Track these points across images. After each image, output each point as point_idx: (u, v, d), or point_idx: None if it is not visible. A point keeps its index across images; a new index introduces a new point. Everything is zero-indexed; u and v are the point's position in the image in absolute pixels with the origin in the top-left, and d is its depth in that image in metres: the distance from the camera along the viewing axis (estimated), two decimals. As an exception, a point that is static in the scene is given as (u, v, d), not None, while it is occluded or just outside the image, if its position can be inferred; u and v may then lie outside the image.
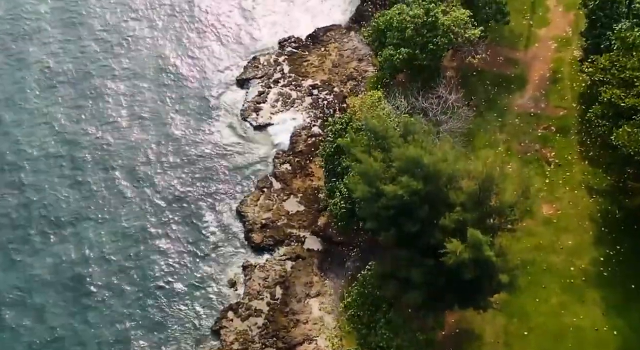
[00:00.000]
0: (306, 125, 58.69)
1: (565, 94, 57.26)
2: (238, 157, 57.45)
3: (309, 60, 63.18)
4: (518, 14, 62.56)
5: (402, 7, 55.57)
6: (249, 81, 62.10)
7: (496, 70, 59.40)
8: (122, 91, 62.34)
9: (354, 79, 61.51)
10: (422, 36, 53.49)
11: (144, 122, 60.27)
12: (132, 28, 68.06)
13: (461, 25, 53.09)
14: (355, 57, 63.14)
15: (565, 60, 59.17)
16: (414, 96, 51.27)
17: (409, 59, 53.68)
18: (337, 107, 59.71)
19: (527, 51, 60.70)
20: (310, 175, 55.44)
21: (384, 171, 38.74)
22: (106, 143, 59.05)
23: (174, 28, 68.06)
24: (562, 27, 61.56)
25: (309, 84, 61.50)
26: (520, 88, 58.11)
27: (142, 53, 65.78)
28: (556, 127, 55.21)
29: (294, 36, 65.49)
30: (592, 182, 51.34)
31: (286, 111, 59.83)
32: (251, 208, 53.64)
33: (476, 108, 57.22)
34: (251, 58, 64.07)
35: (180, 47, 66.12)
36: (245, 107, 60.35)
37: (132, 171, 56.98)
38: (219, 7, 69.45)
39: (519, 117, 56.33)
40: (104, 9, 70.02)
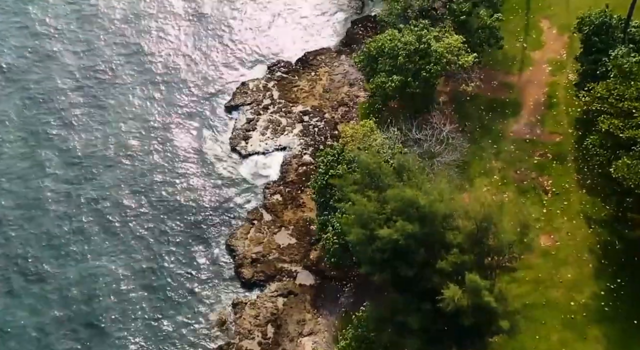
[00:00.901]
0: (297, 154, 57.22)
1: (561, 119, 56.13)
2: (227, 188, 55.82)
3: (299, 86, 61.79)
4: (511, 36, 61.44)
5: (394, 33, 54.40)
6: (238, 108, 60.50)
7: (490, 94, 58.20)
8: (104, 120, 60.47)
9: (346, 105, 60.17)
10: (414, 63, 52.26)
11: (128, 152, 58.41)
12: (116, 53, 66.16)
13: (454, 52, 51.93)
14: (346, 81, 61.82)
15: (561, 84, 58.06)
16: (407, 127, 49.98)
17: (401, 87, 52.48)
18: (329, 134, 58.33)
19: (522, 75, 59.55)
20: (301, 206, 53.94)
21: (378, 211, 37.36)
22: (91, 176, 57.23)
23: (158, 53, 66.33)
24: (556, 50, 60.48)
25: (300, 110, 60.09)
26: (515, 113, 56.92)
27: (126, 80, 63.81)
28: (552, 154, 54.02)
29: (284, 60, 64.03)
30: (591, 211, 50.13)
31: (276, 139, 58.32)
32: (241, 241, 52.05)
33: (470, 134, 56.15)
34: (240, 84, 62.47)
35: (166, 73, 64.28)
36: (234, 135, 58.80)
37: (118, 205, 55.15)
38: (206, 32, 67.72)
39: (514, 144, 55.12)
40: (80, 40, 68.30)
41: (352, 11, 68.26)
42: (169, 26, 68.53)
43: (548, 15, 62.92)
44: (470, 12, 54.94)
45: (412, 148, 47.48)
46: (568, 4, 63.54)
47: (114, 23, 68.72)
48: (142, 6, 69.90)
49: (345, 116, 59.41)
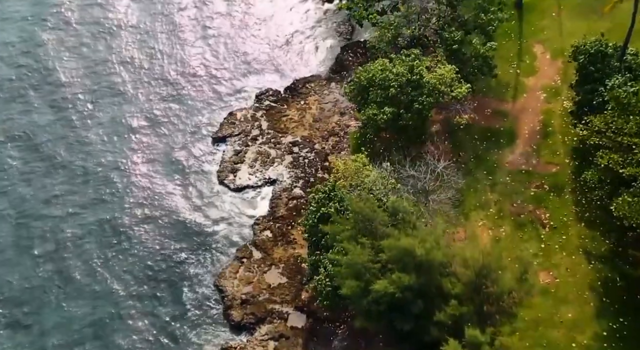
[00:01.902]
0: (287, 187, 55.46)
1: (557, 148, 54.76)
2: (215, 224, 53.85)
3: (288, 115, 60.12)
4: (504, 62, 60.07)
5: (385, 62, 52.92)
6: (226, 139, 58.62)
7: (484, 123, 56.76)
8: (86, 150, 58.46)
9: (336, 135, 58.54)
10: (406, 95, 50.85)
11: (109, 190, 56.20)
12: (100, 84, 63.97)
13: (447, 83, 50.54)
14: (336, 110, 60.24)
15: (556, 112, 56.73)
16: (400, 162, 48.42)
17: (393, 119, 50.99)
18: (319, 166, 56.64)
19: (516, 102, 58.18)
20: (292, 242, 52.14)
21: (373, 260, 35.76)
22: (73, 211, 55.06)
23: (140, 80, 64.17)
24: (550, 76, 59.21)
25: (289, 140, 58.38)
26: (510, 143, 55.48)
27: (106, 111, 61.65)
28: (549, 186, 52.60)
29: (272, 89, 62.23)
30: (590, 246, 48.62)
31: (265, 171, 56.53)
32: (230, 281, 50.16)
33: (465, 165, 54.68)
34: (227, 113, 60.67)
35: (148, 102, 62.39)
36: (221, 168, 56.90)
37: (99, 244, 52.95)
38: (192, 60, 65.74)
39: (510, 175, 53.64)
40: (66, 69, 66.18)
41: (341, 36, 66.74)
42: (151, 52, 66.54)
43: (541, 40, 61.77)
44: (463, 41, 53.66)
45: (405, 185, 45.89)
46: (561, 28, 62.52)
47: (88, 58, 66.19)
48: (125, 34, 68.31)
49: (336, 147, 57.81)
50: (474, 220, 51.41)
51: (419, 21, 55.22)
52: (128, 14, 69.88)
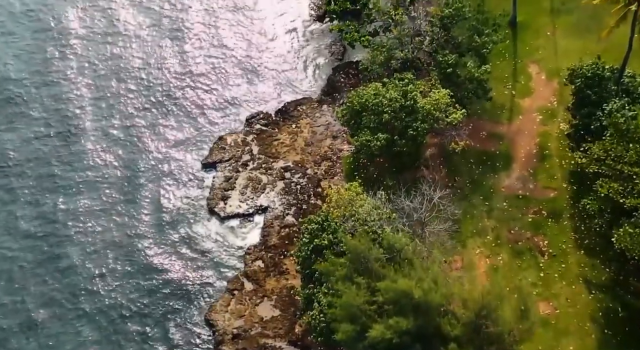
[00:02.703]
0: (279, 214, 54.04)
1: (554, 172, 53.63)
2: (205, 254, 52.38)
3: (280, 139, 58.71)
4: (499, 83, 58.94)
5: (378, 87, 51.70)
6: (216, 165, 57.17)
7: (480, 146, 55.55)
8: (72, 185, 56.61)
9: (329, 159, 57.20)
10: (400, 120, 49.67)
11: (96, 220, 54.52)
12: (86, 116, 61.93)
13: (442, 109, 49.38)
14: (329, 133, 58.93)
15: (552, 134, 55.61)
16: (395, 191, 47.19)
17: (387, 145, 49.81)
18: (312, 192, 55.26)
19: (511, 124, 56.99)
20: (284, 272, 50.73)
21: (369, 301, 34.43)
22: (57, 243, 53.54)
23: (125, 103, 62.34)
24: (546, 97, 58.09)
25: (281, 166, 56.98)
26: (506, 167, 54.30)
27: (92, 137, 59.77)
28: (547, 211, 51.46)
29: (263, 111, 60.81)
30: (590, 275, 47.53)
31: (257, 199, 55.11)
32: (221, 315, 48.64)
33: (461, 190, 53.49)
34: (217, 138, 59.19)
35: (135, 128, 60.52)
36: (211, 195, 55.44)
37: (85, 277, 51.38)
38: (181, 83, 63.95)
39: (507, 201, 52.47)
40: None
41: (333, 56, 65.31)
42: (138, 74, 64.81)
43: (536, 60, 60.67)
44: (457, 64, 52.53)
45: (401, 216, 44.59)
46: (556, 47, 61.48)
47: (74, 81, 64.30)
48: (114, 51, 66.89)
49: (329, 172, 56.46)
50: (471, 248, 50.31)
51: (412, 44, 54.05)
52: (113, 37, 67.96)
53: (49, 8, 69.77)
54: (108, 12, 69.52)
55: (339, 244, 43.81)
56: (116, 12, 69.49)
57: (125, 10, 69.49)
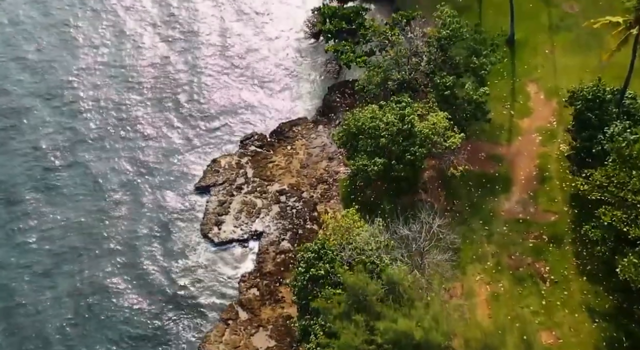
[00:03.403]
0: (274, 240, 52.81)
1: (555, 195, 52.59)
2: (198, 282, 51.08)
3: (275, 161, 57.55)
4: (497, 102, 58.00)
5: (374, 109, 50.62)
6: (209, 188, 55.95)
7: (478, 168, 54.48)
8: (62, 202, 55.48)
9: (325, 182, 56.05)
10: (398, 144, 48.60)
11: (85, 244, 53.20)
12: (77, 131, 60.90)
13: (440, 133, 48.32)
14: (324, 155, 57.80)
15: (552, 155, 54.59)
16: (393, 217, 46.06)
17: (384, 170, 48.73)
18: (308, 217, 54.04)
19: (510, 145, 55.99)
20: (280, 301, 49.46)
21: (368, 340, 33.26)
22: (49, 266, 52.18)
23: (118, 125, 60.99)
24: (545, 117, 57.13)
25: (276, 189, 55.78)
26: (506, 190, 53.26)
27: (83, 162, 58.41)
28: (548, 236, 50.33)
29: (257, 133, 59.68)
30: (594, 303, 46.36)
31: (251, 223, 53.85)
32: (215, 346, 47.25)
33: (460, 214, 52.37)
34: (211, 160, 57.96)
35: (129, 150, 59.17)
36: (205, 220, 54.16)
37: (78, 305, 49.94)
38: (172, 102, 62.77)
39: (507, 225, 51.37)
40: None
41: (328, 75, 64.31)
42: (129, 95, 63.42)
43: (535, 79, 59.72)
44: (454, 85, 51.50)
45: (400, 246, 43.44)
46: (555, 65, 60.56)
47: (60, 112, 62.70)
48: (102, 77, 65.47)
49: (325, 195, 55.30)
50: (471, 275, 49.16)
51: (408, 65, 53.03)
52: (101, 58, 66.79)
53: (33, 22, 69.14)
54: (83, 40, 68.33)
55: (336, 274, 42.81)
56: (95, 40, 68.06)
57: (109, 41, 68.30)
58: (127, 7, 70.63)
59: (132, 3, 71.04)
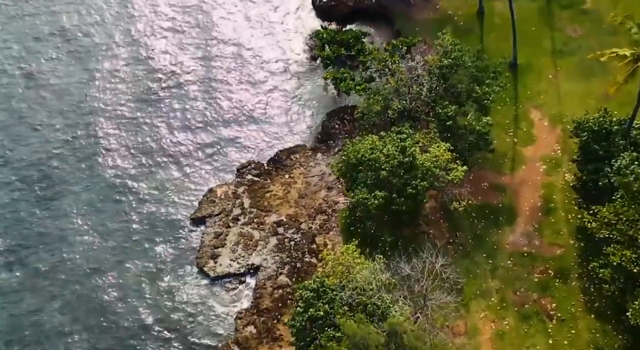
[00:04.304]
0: (272, 274, 51.22)
1: (561, 227, 51.09)
2: (193, 318, 49.48)
3: (272, 191, 56.02)
4: (500, 129, 56.52)
5: (374, 140, 49.24)
6: (205, 220, 54.36)
7: (481, 199, 52.96)
8: (51, 245, 53.58)
9: (324, 213, 54.52)
10: (399, 177, 47.20)
11: (77, 277, 51.77)
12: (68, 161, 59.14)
13: (442, 166, 46.90)
14: (323, 184, 56.29)
15: (557, 185, 53.12)
16: (394, 249, 44.63)
17: (385, 203, 47.31)
18: (306, 249, 52.49)
19: (514, 175, 54.49)
20: (278, 339, 47.82)
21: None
22: (43, 300, 50.93)
23: (112, 152, 59.36)
24: (549, 145, 55.65)
25: (273, 220, 54.23)
26: (510, 221, 51.78)
27: (75, 189, 56.83)
28: (554, 271, 48.86)
29: (254, 161, 58.10)
30: (602, 342, 44.79)
31: (248, 256, 52.32)
32: (211, 387, 46.06)
33: (462, 247, 50.91)
34: (207, 190, 56.42)
35: (121, 178, 57.47)
36: (201, 253, 52.58)
37: (65, 341, 48.48)
38: (167, 128, 61.03)
39: (511, 259, 49.92)
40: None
41: (327, 100, 62.75)
42: (121, 121, 61.77)
43: (538, 105, 58.31)
44: (456, 115, 50.15)
45: (402, 285, 41.95)
46: (559, 91, 59.15)
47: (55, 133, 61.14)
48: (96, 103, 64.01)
49: (324, 226, 53.75)
50: (474, 312, 47.63)
51: (409, 93, 51.68)
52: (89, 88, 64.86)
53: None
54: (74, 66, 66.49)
55: (336, 315, 41.34)
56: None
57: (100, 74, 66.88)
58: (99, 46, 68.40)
59: (106, 41, 68.30)
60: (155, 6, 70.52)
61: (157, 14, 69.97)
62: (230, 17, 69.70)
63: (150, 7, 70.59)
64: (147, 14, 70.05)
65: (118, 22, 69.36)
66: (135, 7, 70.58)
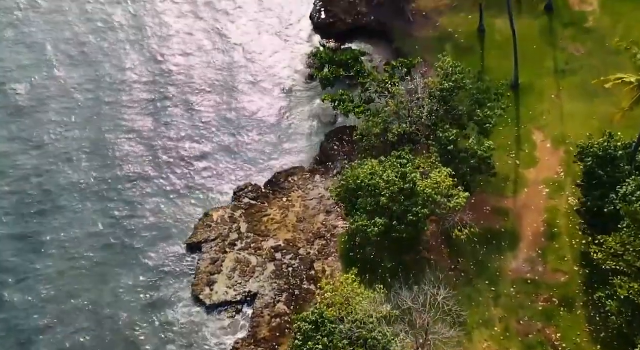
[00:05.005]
0: (269, 302, 49.90)
1: (565, 253, 49.96)
2: (187, 349, 48.36)
3: (270, 215, 54.76)
4: (502, 151, 55.25)
5: (374, 165, 48.07)
6: (201, 245, 53.06)
7: (484, 223, 51.72)
8: (41, 277, 51.98)
9: (323, 237, 53.30)
10: (399, 204, 46.06)
11: (67, 308, 50.22)
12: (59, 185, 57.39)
13: (444, 193, 45.80)
14: (322, 208, 55.08)
15: (561, 210, 51.97)
16: (395, 280, 43.46)
17: (385, 231, 46.19)
18: (305, 276, 51.24)
19: (517, 198, 53.34)
20: (276, 371, 46.93)
21: None
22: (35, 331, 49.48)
23: (104, 177, 57.77)
24: (552, 168, 54.52)
25: (271, 245, 52.97)
26: (513, 246, 50.63)
27: (67, 214, 55.34)
28: (559, 299, 47.66)
29: (252, 183, 56.82)
30: (609, 375, 44.04)
31: (245, 283, 51.04)
32: None
33: (465, 274, 49.76)
34: (202, 214, 55.16)
35: (114, 202, 56.04)
36: (197, 280, 51.23)
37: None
38: (164, 155, 59.45)
39: (514, 286, 48.72)
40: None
41: (326, 120, 61.47)
42: (118, 142, 60.39)
43: (540, 126, 57.17)
44: (457, 138, 49.08)
45: (403, 319, 40.77)
46: (562, 111, 58.03)
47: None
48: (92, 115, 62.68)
49: (323, 252, 52.53)
50: (477, 342, 46.41)
51: (409, 117, 50.62)
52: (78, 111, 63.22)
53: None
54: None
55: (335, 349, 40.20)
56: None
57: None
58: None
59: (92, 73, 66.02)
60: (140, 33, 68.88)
61: (141, 42, 68.32)
62: (225, 37, 68.50)
63: (135, 37, 68.60)
64: (131, 41, 68.26)
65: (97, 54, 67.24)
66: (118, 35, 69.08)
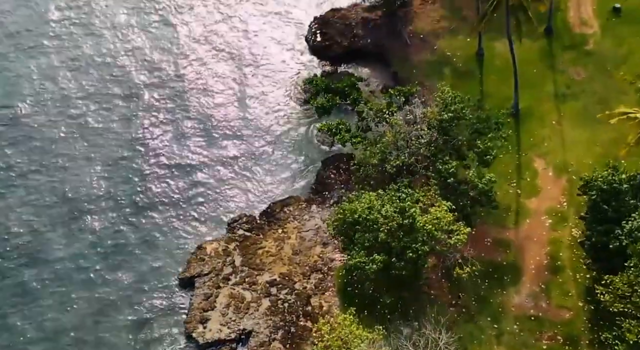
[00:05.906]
0: (264, 340, 48.18)
1: (569, 288, 48.50)
2: (182, 392, 46.95)
3: (265, 247, 53.18)
4: (502, 180, 53.86)
5: (372, 199, 46.60)
6: (194, 280, 51.48)
7: (485, 256, 50.30)
8: (33, 309, 50.51)
9: (319, 271, 51.72)
10: (398, 240, 44.59)
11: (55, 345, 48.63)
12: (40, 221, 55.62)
13: (444, 229, 44.34)
14: (319, 240, 53.55)
15: (564, 242, 50.56)
16: (394, 322, 42.00)
17: (384, 267, 44.70)
18: (301, 312, 49.58)
19: (518, 230, 51.93)
20: (272, 413, 45.34)
21: None
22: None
23: (94, 208, 56.19)
24: (555, 197, 53.17)
25: (266, 279, 51.35)
26: (515, 281, 49.18)
27: (56, 253, 53.55)
28: (563, 337, 46.15)
29: (246, 214, 55.25)
30: None
31: (239, 320, 49.35)
32: None
33: (466, 309, 48.27)
34: (196, 247, 53.47)
35: (103, 237, 54.40)
36: (189, 317, 49.56)
37: None
38: (154, 179, 58.12)
39: (517, 323, 47.21)
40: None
41: (321, 147, 59.85)
42: (110, 164, 59.01)
43: (542, 153, 55.88)
44: (457, 171, 47.68)
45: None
46: (563, 138, 56.77)
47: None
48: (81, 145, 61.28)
49: (320, 286, 50.93)
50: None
51: (408, 148, 49.21)
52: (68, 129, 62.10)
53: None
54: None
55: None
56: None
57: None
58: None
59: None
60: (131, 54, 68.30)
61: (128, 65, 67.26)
62: (221, 59, 67.41)
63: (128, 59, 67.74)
64: (127, 59, 67.53)
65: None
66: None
